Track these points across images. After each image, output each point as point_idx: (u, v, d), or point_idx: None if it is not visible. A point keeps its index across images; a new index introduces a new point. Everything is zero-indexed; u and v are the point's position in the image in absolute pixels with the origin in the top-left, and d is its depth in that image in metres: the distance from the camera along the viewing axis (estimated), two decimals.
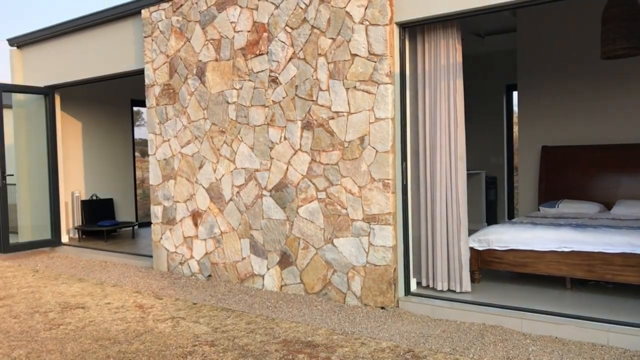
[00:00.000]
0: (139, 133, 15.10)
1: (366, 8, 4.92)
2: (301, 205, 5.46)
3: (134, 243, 8.76)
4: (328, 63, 5.20)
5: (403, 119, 4.99)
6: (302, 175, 5.44)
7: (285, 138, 5.56)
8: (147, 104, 6.91)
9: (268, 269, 5.76)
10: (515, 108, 9.39)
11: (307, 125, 5.39)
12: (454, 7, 4.54)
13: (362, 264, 5.06)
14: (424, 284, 5.18)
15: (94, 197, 9.78)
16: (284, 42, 5.51)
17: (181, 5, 6.39)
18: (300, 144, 5.44)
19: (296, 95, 5.45)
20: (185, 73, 6.41)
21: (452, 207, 4.95)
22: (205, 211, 6.32)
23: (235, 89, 5.94)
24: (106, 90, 9.85)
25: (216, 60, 6.09)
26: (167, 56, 6.59)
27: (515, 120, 9.76)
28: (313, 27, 5.29)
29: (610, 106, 6.86)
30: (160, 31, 6.64)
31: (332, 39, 5.16)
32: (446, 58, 4.90)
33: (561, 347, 3.87)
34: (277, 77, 5.59)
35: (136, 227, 9.75)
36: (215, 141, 6.18)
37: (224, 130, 6.09)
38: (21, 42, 8.86)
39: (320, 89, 5.27)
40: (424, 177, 5.11)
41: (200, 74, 6.26)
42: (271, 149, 5.68)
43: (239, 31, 5.86)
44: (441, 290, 5.02)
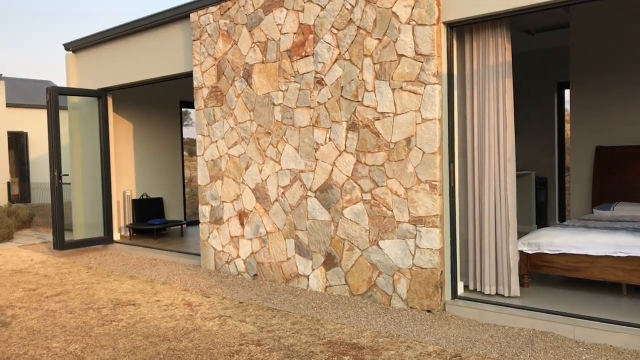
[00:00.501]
0: (187, 133, 15.45)
1: (413, 8, 4.87)
2: (346, 207, 5.46)
3: (183, 242, 8.96)
4: (374, 64, 5.18)
5: (451, 120, 4.91)
6: (347, 176, 5.44)
7: (330, 139, 5.57)
8: (196, 106, 7.05)
9: (313, 269, 5.78)
10: (568, 107, 9.11)
11: (352, 127, 5.38)
12: (504, 5, 4.44)
13: (408, 267, 5.01)
14: (471, 287, 5.09)
15: (145, 197, 10.06)
16: (329, 44, 5.51)
17: (229, 9, 6.49)
18: (345, 145, 5.44)
19: (342, 96, 5.45)
20: (233, 75, 6.51)
21: (501, 209, 4.84)
22: (251, 211, 6.40)
23: (281, 90, 5.99)
24: (156, 93, 10.11)
25: (263, 62, 6.16)
26: (215, 59, 6.71)
27: (567, 119, 9.46)
28: (359, 28, 5.27)
29: None
30: (209, 34, 6.76)
31: (379, 39, 5.13)
32: (495, 58, 4.79)
33: (616, 356, 3.73)
34: (322, 79, 5.60)
35: (185, 225, 9.97)
36: (262, 142, 6.25)
37: (270, 131, 6.15)
38: (76, 47, 9.19)
39: (366, 90, 5.25)
40: (472, 179, 5.02)
41: (247, 77, 6.34)
42: (316, 150, 5.70)
43: (285, 33, 5.91)
44: (489, 295, 4.92)
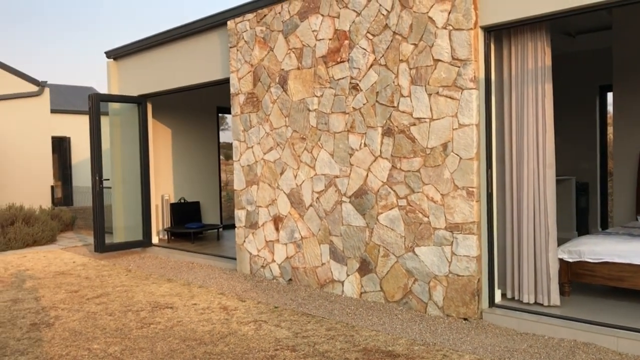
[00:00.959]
0: (223, 136, 15.63)
1: (449, 13, 4.82)
2: (381, 213, 5.43)
3: (219, 245, 9.07)
4: (410, 69, 5.15)
5: (488, 125, 4.84)
6: (382, 182, 5.42)
7: (365, 144, 5.56)
8: (232, 112, 7.14)
9: (347, 275, 5.77)
10: (610, 110, 8.85)
11: (387, 132, 5.35)
12: (544, 8, 4.36)
13: (444, 274, 4.96)
14: (509, 295, 5.00)
15: (182, 200, 10.23)
16: (365, 49, 5.51)
17: (265, 16, 6.56)
18: (380, 150, 5.42)
19: (377, 101, 5.43)
20: (268, 82, 6.57)
21: (540, 216, 4.74)
22: (286, 216, 6.44)
23: (316, 96, 6.01)
24: (194, 98, 10.29)
25: (298, 68, 6.20)
26: (251, 65, 6.78)
27: (609, 122, 9.19)
28: (395, 33, 5.25)
29: None
30: (245, 41, 6.84)
31: (414, 44, 5.10)
32: (534, 61, 4.70)
33: None
34: (357, 84, 5.60)
35: (221, 229, 10.10)
36: (296, 148, 6.28)
37: (304, 137, 6.18)
38: (117, 55, 9.44)
39: (402, 95, 5.22)
40: (510, 185, 4.93)
41: (283, 82, 6.39)
42: (351, 155, 5.70)
43: (320, 39, 5.93)
44: (528, 303, 4.82)
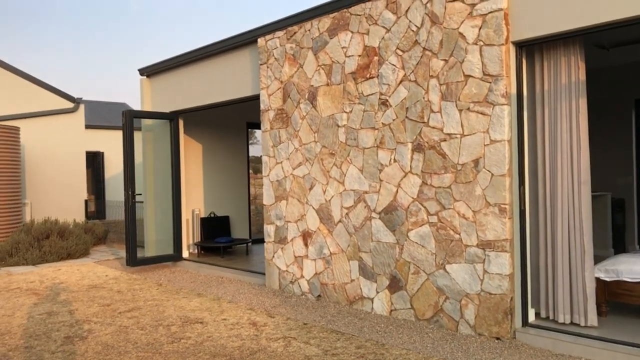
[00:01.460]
0: (251, 150, 15.77)
1: (480, 28, 4.79)
2: (411, 229, 5.39)
3: (248, 260, 9.11)
4: (440, 84, 5.12)
5: (520, 141, 4.77)
6: (412, 198, 5.38)
7: (395, 160, 5.54)
8: (262, 127, 7.20)
9: (377, 292, 5.72)
10: None
11: (417, 148, 5.33)
12: (577, 23, 4.30)
13: (476, 292, 4.87)
14: (543, 315, 4.88)
15: (212, 215, 10.33)
16: (394, 65, 5.51)
17: (295, 33, 6.62)
18: (410, 166, 5.39)
19: (407, 117, 5.42)
20: (298, 98, 6.61)
21: (575, 234, 4.63)
22: (315, 231, 6.44)
23: (346, 112, 6.03)
24: (224, 114, 10.42)
25: (327, 84, 6.23)
26: (281, 82, 6.85)
27: None
28: (425, 49, 5.24)
29: None
30: (275, 58, 6.92)
31: (445, 60, 5.08)
32: (567, 76, 4.63)
33: None
34: (387, 100, 5.59)
35: (250, 243, 10.15)
36: (325, 163, 6.29)
37: (333, 152, 6.19)
38: (150, 72, 9.64)
39: (432, 111, 5.19)
40: (544, 202, 4.84)
41: (312, 99, 6.42)
42: (380, 171, 5.68)
43: (349, 56, 5.96)
44: (563, 323, 4.69)
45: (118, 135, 19.11)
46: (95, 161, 19.00)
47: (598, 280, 4.87)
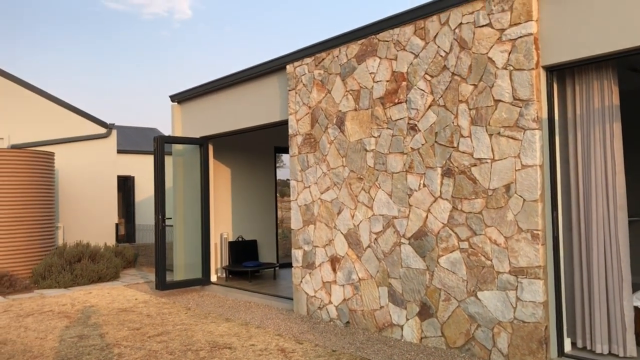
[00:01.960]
0: (277, 174, 15.87)
1: (510, 53, 4.77)
2: (442, 255, 5.32)
3: (275, 284, 9.09)
4: (469, 109, 5.10)
5: (552, 166, 4.70)
6: (442, 223, 5.32)
7: (424, 185, 5.50)
8: (290, 152, 7.25)
9: (407, 319, 5.64)
10: None
11: (447, 172, 5.29)
12: (610, 47, 4.25)
13: (509, 320, 4.76)
14: (579, 345, 4.73)
15: (240, 239, 10.38)
16: (423, 90, 5.51)
17: (323, 60, 6.70)
18: (440, 191, 5.35)
19: (436, 142, 5.39)
20: (326, 123, 6.66)
21: (612, 261, 4.51)
22: (343, 257, 6.41)
23: (374, 137, 6.03)
24: (253, 139, 10.55)
25: (355, 109, 6.26)
26: (309, 107, 6.91)
27: None
28: (453, 74, 5.24)
29: None
30: (303, 84, 6.99)
31: (474, 85, 5.06)
32: (600, 100, 4.56)
33: None
34: (416, 125, 5.59)
35: (277, 268, 10.14)
36: (354, 188, 6.29)
37: (362, 177, 6.18)
38: (181, 98, 9.84)
39: (462, 136, 5.16)
40: (578, 228, 4.73)
41: (340, 124, 6.46)
42: (410, 196, 5.64)
43: (377, 81, 5.99)
44: (601, 354, 4.55)
45: (148, 160, 19.48)
46: (125, 185, 19.35)
47: (637, 309, 4.71)
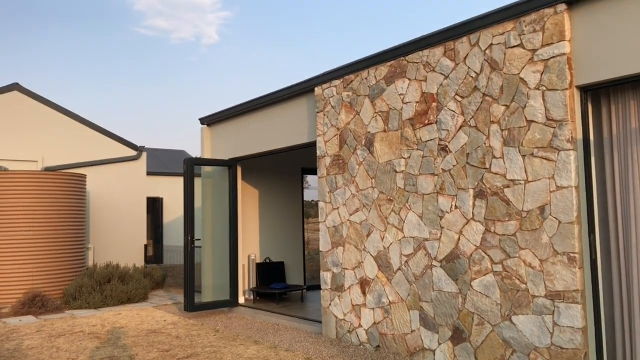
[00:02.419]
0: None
1: (542, 73, 4.72)
2: (475, 278, 5.22)
3: (303, 307, 9.03)
4: (502, 130, 5.04)
5: (589, 188, 4.60)
6: (475, 246, 5.23)
7: (456, 207, 5.43)
8: (319, 174, 7.26)
9: (439, 344, 5.52)
10: None
11: (480, 194, 5.21)
12: None
13: (545, 346, 4.62)
14: None
15: (267, 260, 10.37)
16: (454, 111, 5.48)
17: (352, 82, 6.73)
18: (472, 213, 5.27)
19: (467, 163, 5.34)
20: (355, 144, 6.65)
21: None
22: (373, 280, 6.34)
23: (404, 158, 6.00)
24: (280, 161, 10.60)
25: (384, 131, 6.25)
26: (338, 129, 6.92)
27: None
28: (485, 95, 5.20)
29: None
30: (332, 106, 7.02)
31: (506, 106, 5.01)
32: (638, 120, 4.47)
33: None
34: (447, 146, 5.54)
35: (305, 290, 10.08)
36: (383, 209, 6.24)
37: (392, 198, 6.14)
38: (210, 121, 9.98)
39: (494, 157, 5.10)
40: (617, 251, 4.60)
41: (369, 145, 6.45)
42: (441, 218, 5.58)
43: (407, 102, 5.98)
44: None
45: (176, 182, 19.73)
46: (154, 207, 19.58)
47: None
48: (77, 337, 7.37)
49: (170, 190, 19.72)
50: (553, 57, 4.66)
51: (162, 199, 19.60)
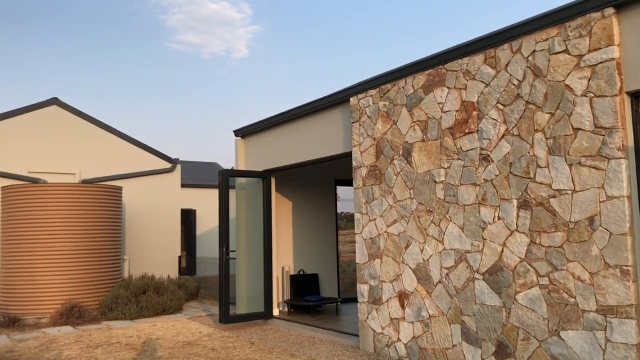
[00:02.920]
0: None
1: (589, 80, 4.57)
2: (520, 292, 5.04)
3: (338, 320, 8.92)
4: (547, 139, 4.89)
5: None
6: (519, 258, 5.07)
7: (499, 218, 5.28)
8: (354, 185, 7.18)
9: (483, 359, 5.35)
10: None
11: (524, 205, 5.06)
12: None
13: None
14: None
15: (301, 272, 10.30)
16: (495, 120, 5.35)
17: (388, 91, 6.65)
18: (516, 224, 5.11)
19: (511, 173, 5.19)
20: (392, 154, 6.56)
21: None
22: (412, 293, 6.20)
23: (444, 168, 5.88)
24: (314, 172, 10.56)
25: (423, 140, 6.14)
26: (374, 139, 6.84)
27: None
28: (528, 102, 5.06)
29: None
30: (368, 116, 6.95)
31: (551, 113, 4.86)
32: None
33: None
34: (488, 155, 5.41)
35: (339, 303, 9.96)
36: (422, 221, 6.12)
37: (431, 209, 6.02)
38: (244, 133, 10.01)
39: (539, 166, 4.94)
40: None
41: (407, 155, 6.35)
42: (483, 229, 5.43)
43: (446, 111, 5.87)
44: None
45: (209, 194, 19.88)
46: (188, 219, 19.76)
47: None
48: (114, 349, 7.41)
49: (203, 202, 19.89)
50: (601, 62, 4.51)
51: (195, 210, 19.76)
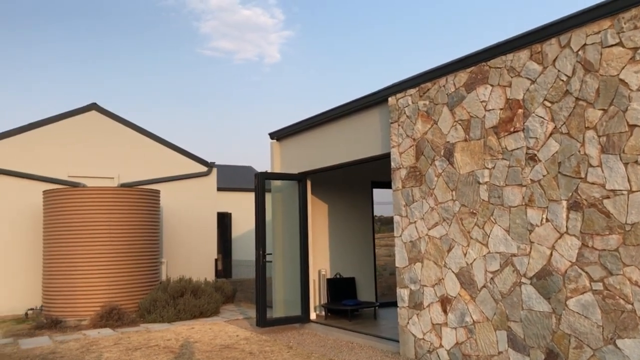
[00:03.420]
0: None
1: None
2: (570, 297, 4.81)
3: (377, 324, 8.75)
4: (599, 136, 4.65)
5: None
6: (570, 262, 4.83)
7: (547, 220, 5.05)
8: (393, 186, 7.02)
9: None
10: None
11: (574, 206, 4.82)
12: None
13: None
14: None
15: (338, 276, 10.17)
16: (542, 117, 5.13)
17: (428, 90, 6.48)
18: (566, 226, 4.88)
19: (559, 172, 4.96)
20: (432, 155, 6.38)
21: None
22: (455, 297, 6.01)
23: (487, 168, 5.68)
24: (350, 174, 10.43)
25: (465, 140, 5.95)
26: (414, 139, 6.67)
27: None
28: (577, 99, 4.83)
29: None
30: (407, 116, 6.79)
31: (603, 110, 4.62)
32: None
33: None
34: (535, 154, 5.19)
35: (377, 307, 9.79)
36: (465, 223, 5.92)
37: (474, 211, 5.82)
38: (279, 136, 9.96)
39: (590, 165, 4.70)
40: None
41: (448, 155, 6.16)
42: (530, 231, 5.20)
43: (490, 110, 5.67)
44: None
45: (244, 197, 19.96)
46: (223, 222, 19.86)
47: None
48: (153, 351, 7.42)
49: (238, 205, 19.97)
50: None
51: (230, 213, 19.86)
